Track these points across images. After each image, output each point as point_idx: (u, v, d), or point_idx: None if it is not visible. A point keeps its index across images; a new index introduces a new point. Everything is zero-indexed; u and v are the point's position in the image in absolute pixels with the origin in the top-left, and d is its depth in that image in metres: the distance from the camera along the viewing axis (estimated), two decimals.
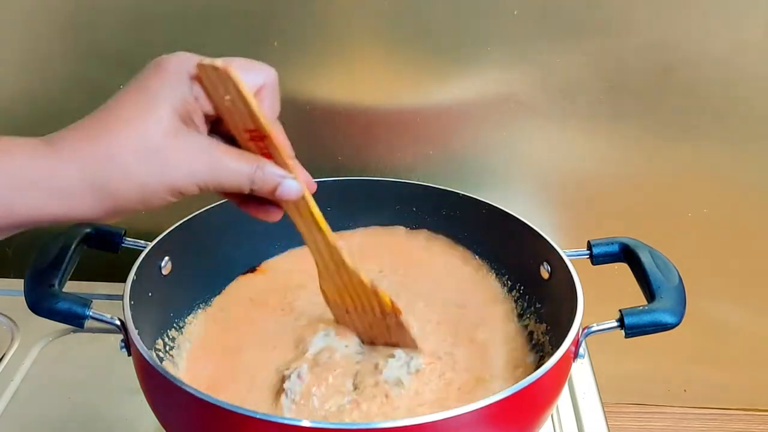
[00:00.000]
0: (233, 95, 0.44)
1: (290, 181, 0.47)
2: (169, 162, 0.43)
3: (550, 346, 0.60)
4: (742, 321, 0.87)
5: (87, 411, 0.65)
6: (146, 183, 0.43)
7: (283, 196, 0.47)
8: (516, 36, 0.71)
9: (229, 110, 0.45)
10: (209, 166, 0.44)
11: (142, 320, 0.54)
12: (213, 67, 0.43)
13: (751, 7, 0.70)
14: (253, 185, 0.46)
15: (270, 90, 0.47)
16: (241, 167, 0.45)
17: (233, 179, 0.45)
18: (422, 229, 0.72)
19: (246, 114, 0.45)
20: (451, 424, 0.45)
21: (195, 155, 0.44)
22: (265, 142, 0.46)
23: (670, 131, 0.76)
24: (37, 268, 0.55)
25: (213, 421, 0.46)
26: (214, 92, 0.44)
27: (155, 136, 0.43)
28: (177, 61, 0.45)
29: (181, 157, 0.43)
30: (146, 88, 0.44)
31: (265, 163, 0.46)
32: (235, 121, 0.45)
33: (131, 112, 0.43)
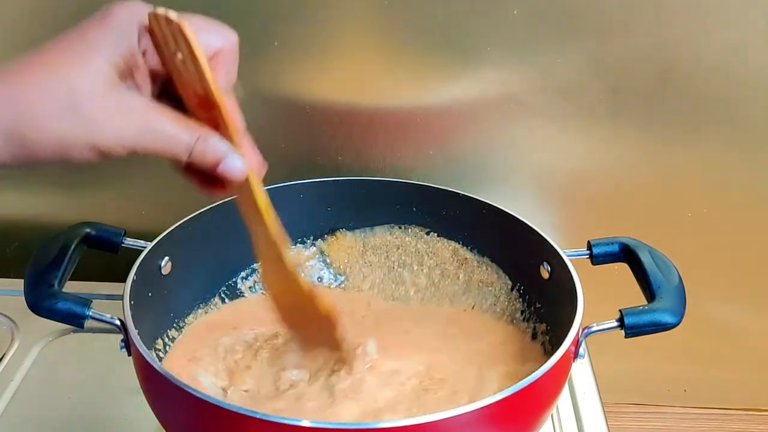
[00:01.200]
0: (184, 53, 0.41)
1: (235, 158, 0.43)
2: (94, 118, 0.39)
3: (550, 346, 0.60)
4: (742, 321, 0.87)
5: (87, 411, 0.65)
6: (65, 137, 0.39)
7: (224, 174, 0.44)
8: (516, 36, 0.71)
9: (178, 70, 0.42)
10: (141, 128, 0.41)
11: (142, 320, 0.54)
12: (166, 19, 0.40)
13: (751, 7, 0.70)
14: (191, 156, 0.42)
15: (227, 56, 0.44)
16: (179, 134, 0.42)
17: (168, 145, 0.42)
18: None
19: (196, 77, 0.41)
20: (451, 424, 0.45)
21: (125, 115, 0.40)
22: (214, 112, 0.42)
23: (670, 131, 0.76)
24: (37, 268, 0.55)
25: (213, 421, 0.46)
26: (165, 47, 0.41)
27: (82, 88, 0.39)
28: (127, 11, 0.41)
29: (109, 115, 0.40)
30: (85, 35, 0.40)
31: (209, 135, 0.43)
32: (185, 83, 0.42)
33: (62, 58, 0.40)
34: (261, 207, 0.47)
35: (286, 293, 0.54)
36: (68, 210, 0.77)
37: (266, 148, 0.79)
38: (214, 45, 0.43)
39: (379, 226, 0.73)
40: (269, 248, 0.50)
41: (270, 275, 0.54)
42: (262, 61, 0.73)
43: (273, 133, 0.77)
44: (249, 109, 0.75)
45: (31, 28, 0.73)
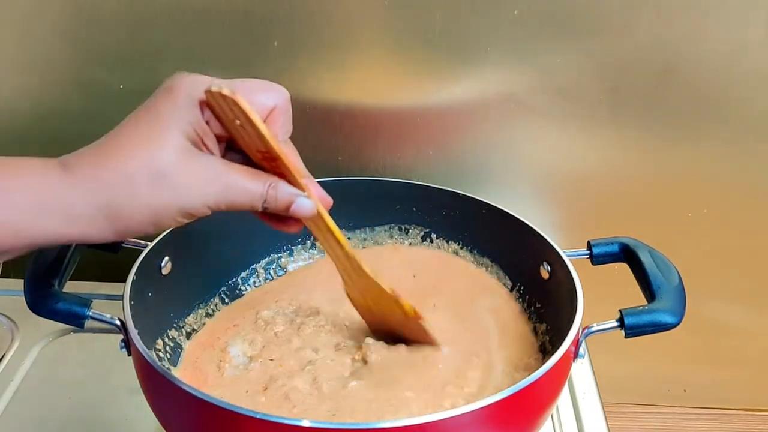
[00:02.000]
0: (242, 120, 0.44)
1: (303, 199, 0.48)
2: (180, 186, 0.43)
3: (550, 346, 0.60)
4: (742, 321, 0.87)
5: (87, 411, 0.65)
6: (157, 207, 0.43)
7: (296, 213, 0.48)
8: (516, 36, 0.71)
9: (239, 133, 0.46)
10: (220, 188, 0.45)
11: (142, 320, 0.54)
12: (221, 95, 0.43)
13: (751, 7, 0.70)
14: (266, 204, 0.47)
15: (282, 111, 0.47)
16: (253, 187, 0.46)
17: (245, 199, 0.46)
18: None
19: (256, 138, 0.45)
20: (451, 423, 0.45)
21: (206, 178, 0.44)
22: (277, 162, 0.46)
23: (670, 131, 0.76)
24: (37, 268, 0.55)
25: (213, 421, 0.46)
26: (224, 116, 0.45)
27: (166, 160, 0.43)
28: (187, 84, 0.45)
29: (192, 181, 0.44)
30: (156, 111, 0.44)
31: (278, 182, 0.47)
32: (247, 142, 0.46)
33: (142, 135, 0.43)
34: (334, 232, 0.53)
35: (371, 301, 0.58)
36: None
37: None
38: (268, 104, 0.47)
39: (379, 226, 0.73)
40: (348, 264, 0.56)
41: (354, 289, 0.58)
42: (262, 61, 0.73)
43: None
44: None
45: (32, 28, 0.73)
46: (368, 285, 0.57)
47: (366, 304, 0.60)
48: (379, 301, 0.58)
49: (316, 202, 0.49)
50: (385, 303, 0.58)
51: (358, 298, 0.60)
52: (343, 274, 0.58)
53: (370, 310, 0.60)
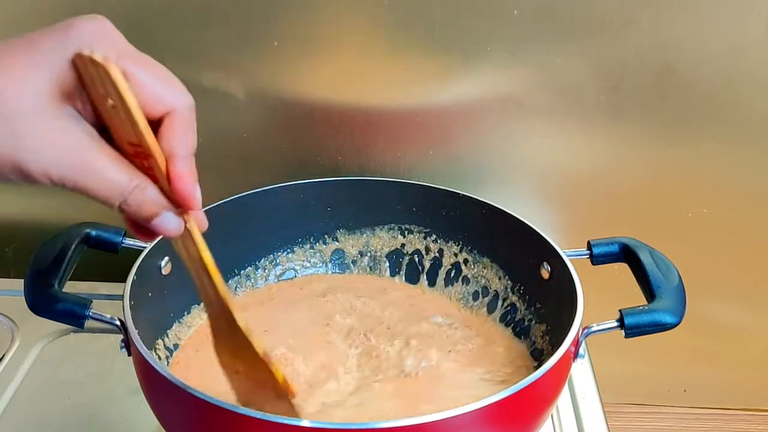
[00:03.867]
0: (114, 99, 0.36)
1: (170, 215, 0.40)
2: (24, 140, 0.35)
3: (550, 346, 0.60)
4: (742, 321, 0.87)
5: (87, 411, 0.65)
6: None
7: (158, 228, 0.40)
8: (516, 36, 0.71)
9: (110, 116, 0.37)
10: (74, 163, 0.36)
11: (142, 320, 0.54)
12: (92, 60, 0.35)
13: (751, 7, 0.70)
14: (125, 205, 0.38)
15: (182, 118, 0.38)
16: (116, 179, 0.37)
17: (100, 190, 0.37)
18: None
19: (128, 123, 0.37)
20: (451, 423, 0.45)
21: (61, 144, 0.36)
22: (150, 161, 0.38)
23: (670, 131, 0.76)
24: (37, 268, 0.55)
25: (213, 421, 0.46)
26: (94, 90, 0.37)
27: (18, 103, 0.35)
28: (88, 26, 0.37)
29: (41, 140, 0.36)
30: (37, 43, 0.36)
31: (147, 186, 0.38)
32: (117, 129, 0.38)
33: (3, 66, 0.36)
34: (207, 263, 0.43)
35: (240, 363, 0.48)
36: (68, 210, 0.76)
37: (266, 149, 0.80)
38: (166, 100, 0.38)
39: (379, 226, 0.73)
40: (219, 309, 0.45)
41: (222, 343, 0.48)
42: (262, 61, 0.73)
43: (273, 133, 0.77)
44: (249, 110, 0.76)
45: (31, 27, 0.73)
46: (238, 342, 0.46)
47: (234, 367, 0.49)
48: (249, 365, 0.47)
49: (191, 222, 0.41)
50: (256, 369, 0.47)
51: (225, 357, 0.49)
52: (212, 321, 0.47)
53: (237, 374, 0.49)
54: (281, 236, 0.72)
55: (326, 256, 0.73)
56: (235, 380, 0.50)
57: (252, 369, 0.47)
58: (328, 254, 0.73)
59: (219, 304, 0.45)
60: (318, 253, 0.73)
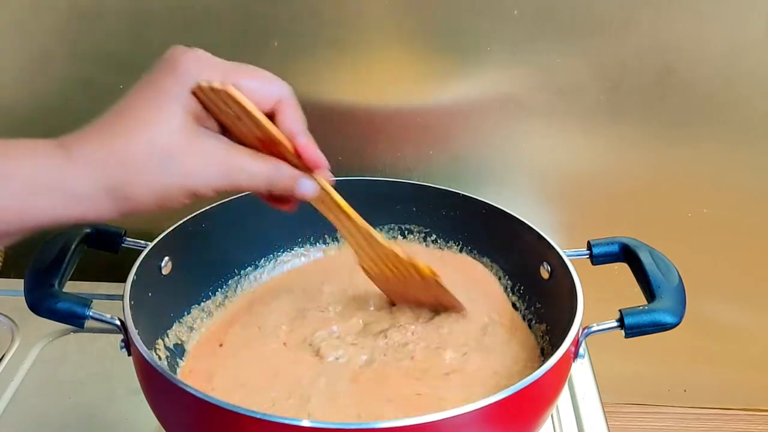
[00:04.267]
0: (236, 110, 0.44)
1: (305, 180, 0.48)
2: (186, 167, 0.43)
3: (550, 346, 0.60)
4: (742, 321, 0.87)
5: (87, 411, 0.65)
6: (162, 187, 0.43)
7: (299, 194, 0.48)
8: (516, 36, 0.71)
9: (234, 123, 0.45)
10: (225, 169, 0.44)
11: (142, 320, 0.54)
12: (211, 89, 0.43)
13: (751, 7, 0.70)
14: (270, 186, 0.47)
15: (289, 102, 0.47)
16: (257, 169, 0.46)
17: (250, 182, 0.46)
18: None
19: (253, 125, 0.45)
20: (451, 423, 0.45)
21: (210, 158, 0.44)
22: (278, 148, 0.46)
23: (670, 131, 0.76)
24: (37, 268, 0.55)
25: (213, 421, 0.46)
26: (216, 109, 0.44)
27: (170, 139, 0.42)
28: (189, 59, 0.44)
29: (198, 162, 0.43)
30: (158, 86, 0.43)
31: (280, 164, 0.47)
32: (244, 132, 0.46)
33: (144, 112, 0.43)
34: (343, 207, 0.54)
35: (387, 269, 0.60)
36: None
37: None
38: (274, 94, 0.46)
39: (379, 226, 0.73)
40: (361, 236, 0.57)
41: (368, 260, 0.60)
42: (262, 61, 0.73)
43: None
44: None
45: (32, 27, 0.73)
46: (382, 253, 0.58)
47: (382, 274, 0.60)
48: (395, 268, 0.59)
49: (321, 180, 0.50)
50: (401, 269, 0.59)
51: (373, 269, 0.60)
52: (356, 247, 0.58)
53: (386, 279, 0.61)
54: (281, 236, 0.72)
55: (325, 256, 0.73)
56: (384, 284, 0.62)
57: (397, 270, 0.59)
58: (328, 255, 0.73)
59: (361, 232, 0.57)
60: (318, 253, 0.73)
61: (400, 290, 0.62)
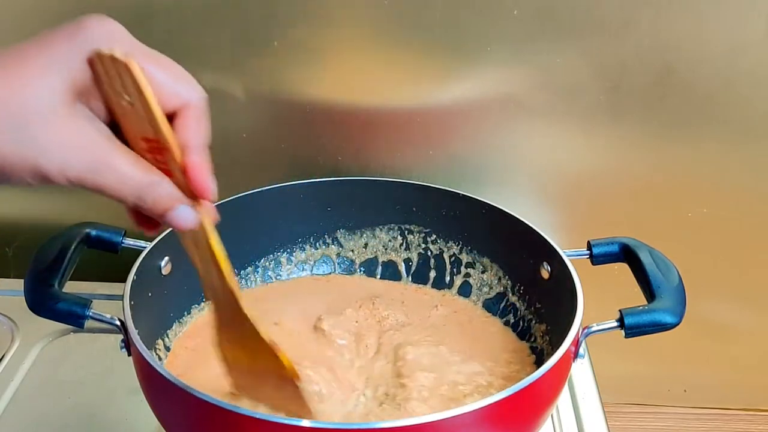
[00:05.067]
0: (132, 94, 0.37)
1: (185, 208, 0.40)
2: (41, 141, 0.36)
3: (549, 346, 0.60)
4: (742, 321, 0.87)
5: (87, 411, 0.65)
6: (7, 157, 0.36)
7: (173, 222, 0.40)
8: (516, 36, 0.71)
9: (125, 112, 0.38)
10: (91, 162, 0.37)
11: (142, 320, 0.54)
12: (112, 58, 0.36)
13: (751, 7, 0.70)
14: (140, 201, 0.39)
15: (197, 112, 0.39)
16: (132, 175, 0.38)
17: (117, 187, 0.38)
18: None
19: (145, 119, 0.37)
20: (451, 424, 0.45)
21: (76, 143, 0.37)
22: (165, 156, 0.39)
23: (670, 131, 0.76)
24: (37, 268, 0.55)
25: (213, 421, 0.46)
26: (110, 88, 0.37)
27: (35, 104, 0.36)
28: (104, 29, 0.38)
29: (58, 140, 0.36)
30: (51, 43, 0.37)
31: (162, 180, 0.39)
32: (132, 125, 0.38)
33: (18, 65, 0.36)
34: (216, 253, 0.43)
35: (243, 353, 0.49)
36: (68, 210, 0.77)
37: (266, 149, 0.80)
38: (181, 94, 0.39)
39: (379, 226, 0.73)
40: (224, 299, 0.46)
41: (224, 334, 0.49)
42: (262, 61, 0.73)
43: (273, 133, 0.77)
44: (249, 110, 0.76)
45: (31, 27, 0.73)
46: (244, 331, 0.46)
47: (235, 357, 0.49)
48: (253, 355, 0.48)
49: (204, 214, 0.41)
50: (260, 358, 0.47)
51: (226, 348, 0.49)
52: (215, 310, 0.47)
53: (238, 365, 0.49)
54: (281, 236, 0.72)
55: (326, 256, 0.73)
56: (235, 373, 0.50)
57: (256, 358, 0.47)
58: (328, 254, 0.73)
59: (226, 294, 0.45)
60: (318, 253, 0.73)
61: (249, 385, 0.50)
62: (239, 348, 0.48)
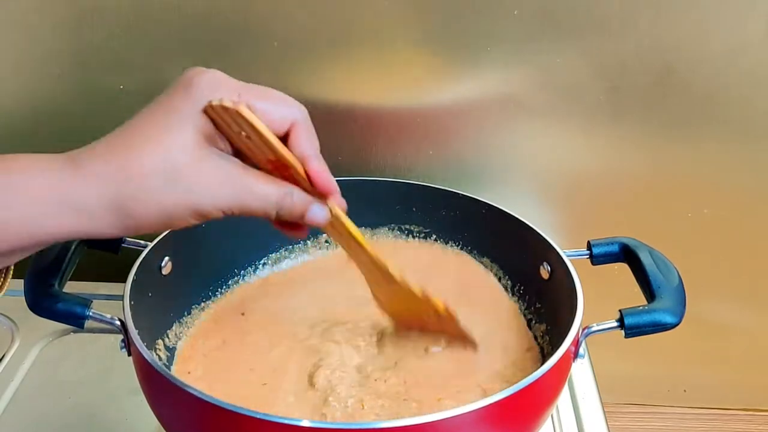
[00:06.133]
0: (248, 131, 0.43)
1: (316, 206, 0.47)
2: (193, 186, 0.42)
3: (550, 347, 0.60)
4: (742, 321, 0.87)
5: (87, 411, 0.65)
6: (168, 206, 0.42)
7: (311, 221, 0.47)
8: (516, 36, 0.71)
9: (246, 145, 0.45)
10: (234, 191, 0.44)
11: (142, 320, 0.54)
12: (222, 107, 0.42)
13: (751, 7, 0.70)
14: (280, 210, 0.46)
15: (303, 126, 0.46)
16: (268, 192, 0.45)
17: (259, 204, 0.45)
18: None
19: (264, 147, 0.44)
20: (451, 424, 0.45)
21: (220, 180, 0.43)
22: (290, 170, 0.45)
23: (670, 131, 0.76)
24: (37, 268, 0.55)
25: (213, 421, 0.46)
26: (227, 128, 0.44)
27: (179, 158, 0.42)
28: (206, 80, 0.43)
29: (206, 182, 0.43)
30: (172, 105, 0.43)
31: (293, 189, 0.46)
32: (255, 153, 0.45)
33: (155, 130, 0.42)
34: (356, 237, 0.52)
35: (400, 304, 0.57)
36: None
37: None
38: (287, 117, 0.45)
39: (379, 227, 0.73)
40: (375, 268, 0.54)
41: (381, 293, 0.57)
42: (262, 61, 0.73)
43: None
44: None
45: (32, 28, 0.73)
46: (397, 288, 0.55)
47: (396, 308, 0.58)
48: (409, 304, 0.57)
49: (334, 206, 0.48)
50: (416, 305, 0.56)
51: (386, 302, 0.58)
52: (369, 279, 0.56)
53: (400, 313, 0.59)
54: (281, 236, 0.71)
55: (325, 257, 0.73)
56: (396, 315, 0.59)
57: (411, 303, 0.56)
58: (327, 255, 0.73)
59: (373, 263, 0.54)
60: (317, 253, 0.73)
61: (412, 322, 0.59)
62: (395, 300, 0.57)
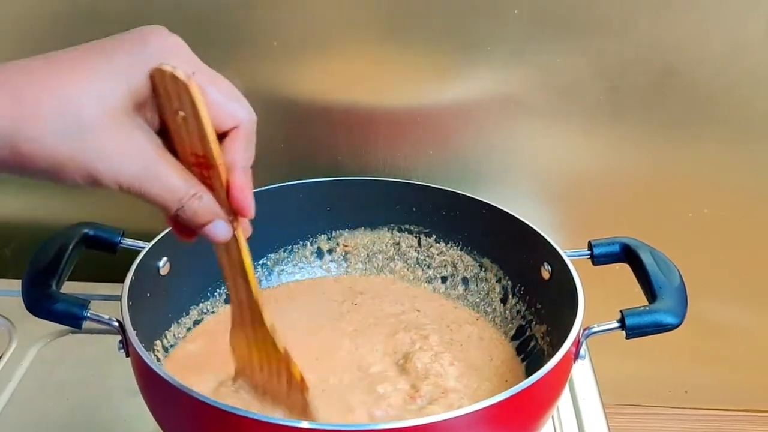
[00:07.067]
0: (187, 112, 0.39)
1: (221, 223, 0.43)
2: (95, 147, 0.37)
3: (550, 347, 0.60)
4: (743, 321, 0.87)
5: (85, 412, 0.65)
6: (60, 158, 0.37)
7: (208, 235, 0.43)
8: (516, 36, 0.71)
9: (178, 127, 0.40)
10: (141, 170, 0.39)
11: (140, 321, 0.54)
12: (173, 76, 0.38)
13: (751, 7, 0.69)
14: (181, 210, 0.41)
15: (245, 132, 0.42)
16: (176, 187, 0.40)
17: (161, 196, 0.40)
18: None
19: (197, 136, 0.40)
20: (451, 424, 0.45)
21: (130, 152, 0.38)
22: (211, 172, 0.41)
23: (671, 131, 0.76)
24: (35, 269, 0.55)
25: (212, 422, 0.46)
26: (167, 103, 0.39)
27: (92, 112, 0.37)
28: (169, 44, 0.39)
29: (113, 148, 0.37)
30: (109, 53, 0.38)
31: (204, 195, 0.41)
32: (183, 141, 0.40)
33: (78, 71, 0.37)
34: (247, 270, 0.47)
35: (257, 358, 0.52)
36: (66, 210, 0.76)
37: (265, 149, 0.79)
38: (235, 115, 0.41)
39: (379, 226, 0.73)
40: (248, 308, 0.49)
41: (241, 338, 0.52)
42: (262, 61, 0.73)
43: (272, 133, 0.77)
44: None
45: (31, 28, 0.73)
46: (261, 338, 0.50)
47: (249, 360, 0.52)
48: (266, 360, 0.51)
49: (239, 230, 0.44)
50: (272, 364, 0.51)
51: (242, 350, 0.52)
52: (236, 318, 0.51)
53: (251, 367, 0.52)
54: (280, 236, 0.71)
55: (325, 257, 0.73)
56: (247, 372, 0.53)
57: (268, 361, 0.51)
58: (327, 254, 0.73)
59: (250, 304, 0.49)
60: (317, 253, 0.73)
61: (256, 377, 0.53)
62: (254, 349, 0.51)
